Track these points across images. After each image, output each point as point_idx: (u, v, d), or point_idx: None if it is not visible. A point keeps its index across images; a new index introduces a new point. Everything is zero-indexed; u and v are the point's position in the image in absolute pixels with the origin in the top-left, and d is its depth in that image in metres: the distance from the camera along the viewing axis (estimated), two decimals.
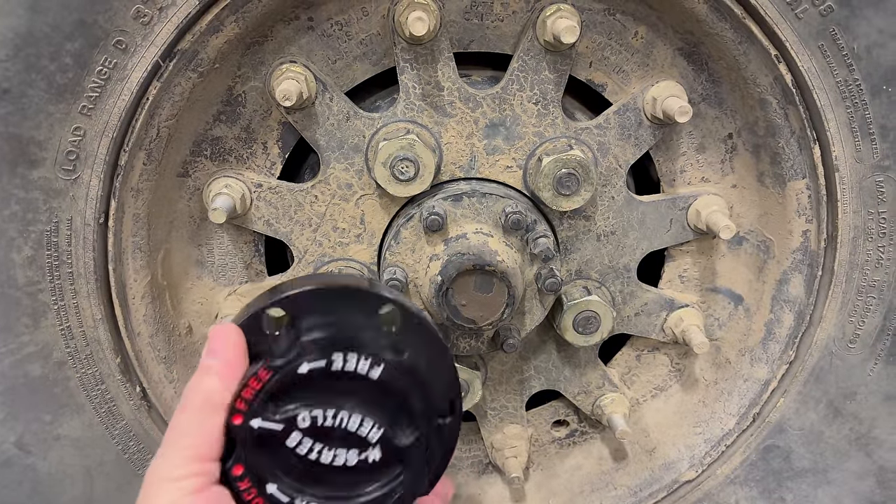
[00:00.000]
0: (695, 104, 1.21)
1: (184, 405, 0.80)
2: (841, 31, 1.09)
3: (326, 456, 0.82)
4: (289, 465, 0.82)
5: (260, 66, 1.15)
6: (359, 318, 0.84)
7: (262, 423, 0.80)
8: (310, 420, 0.81)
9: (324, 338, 0.82)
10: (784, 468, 1.37)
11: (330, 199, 1.22)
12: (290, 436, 0.81)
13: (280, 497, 0.81)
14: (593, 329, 1.28)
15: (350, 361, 0.82)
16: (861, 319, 1.27)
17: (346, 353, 0.81)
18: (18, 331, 1.14)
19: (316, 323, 0.83)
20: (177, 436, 0.79)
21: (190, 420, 0.79)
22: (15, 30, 0.99)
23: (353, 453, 0.83)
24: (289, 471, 0.82)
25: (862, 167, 1.18)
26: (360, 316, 0.84)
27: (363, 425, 0.83)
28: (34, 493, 1.23)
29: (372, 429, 0.83)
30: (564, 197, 1.19)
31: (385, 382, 0.83)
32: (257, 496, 0.81)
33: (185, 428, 0.79)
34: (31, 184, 1.07)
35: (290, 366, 0.81)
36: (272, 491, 0.81)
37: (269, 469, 0.81)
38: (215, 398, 0.80)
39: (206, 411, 0.79)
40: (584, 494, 1.45)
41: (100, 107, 1.05)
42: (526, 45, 1.16)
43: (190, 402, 0.80)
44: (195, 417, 0.79)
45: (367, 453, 0.83)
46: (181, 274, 1.27)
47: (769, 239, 1.30)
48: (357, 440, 0.83)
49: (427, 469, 0.86)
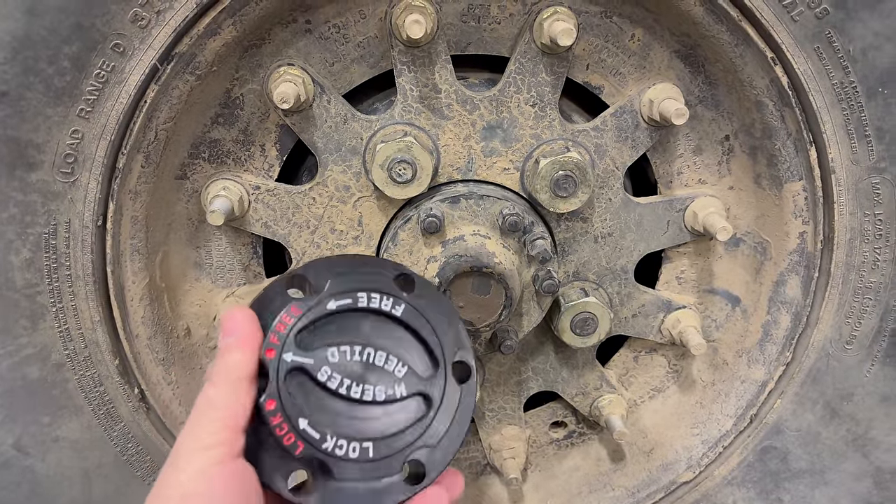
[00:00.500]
0: (691, 106, 1.22)
1: (212, 380, 0.82)
2: (837, 34, 1.10)
3: (356, 390, 0.84)
4: (319, 400, 0.84)
5: (258, 68, 1.15)
6: (375, 278, 0.90)
7: (294, 357, 0.83)
8: (339, 355, 0.85)
9: (348, 285, 0.88)
10: (781, 469, 1.38)
11: (328, 202, 1.23)
12: (320, 370, 0.84)
13: (311, 432, 0.82)
14: (591, 330, 1.29)
15: (374, 300, 0.87)
16: (858, 321, 1.27)
17: (369, 293, 0.87)
18: (17, 333, 1.14)
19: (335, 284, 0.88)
20: (206, 407, 0.80)
21: (218, 392, 0.81)
22: (13, 33, 0.99)
23: (381, 388, 0.85)
24: (319, 406, 0.83)
25: (858, 169, 1.18)
26: (376, 277, 0.90)
27: (389, 361, 0.86)
28: (33, 494, 1.23)
29: (397, 365, 0.86)
30: (562, 199, 1.19)
31: (406, 321, 0.88)
32: (289, 431, 0.82)
33: (214, 399, 0.80)
34: (29, 186, 1.07)
35: (318, 304, 0.85)
36: (304, 426, 0.82)
37: (301, 404, 0.83)
38: (241, 370, 0.81)
39: (234, 383, 0.81)
40: (582, 495, 1.45)
41: (98, 110, 1.06)
42: (523, 47, 1.16)
43: (217, 376, 0.82)
44: (223, 389, 0.81)
45: (393, 388, 0.86)
46: (179, 276, 1.27)
47: (766, 240, 1.31)
48: (384, 375, 0.86)
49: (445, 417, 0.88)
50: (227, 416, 0.79)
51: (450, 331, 0.91)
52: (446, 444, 0.87)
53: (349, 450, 0.83)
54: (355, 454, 0.83)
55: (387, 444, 0.84)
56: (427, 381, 0.88)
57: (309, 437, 0.82)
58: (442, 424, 0.87)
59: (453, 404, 0.89)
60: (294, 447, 0.82)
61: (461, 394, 0.90)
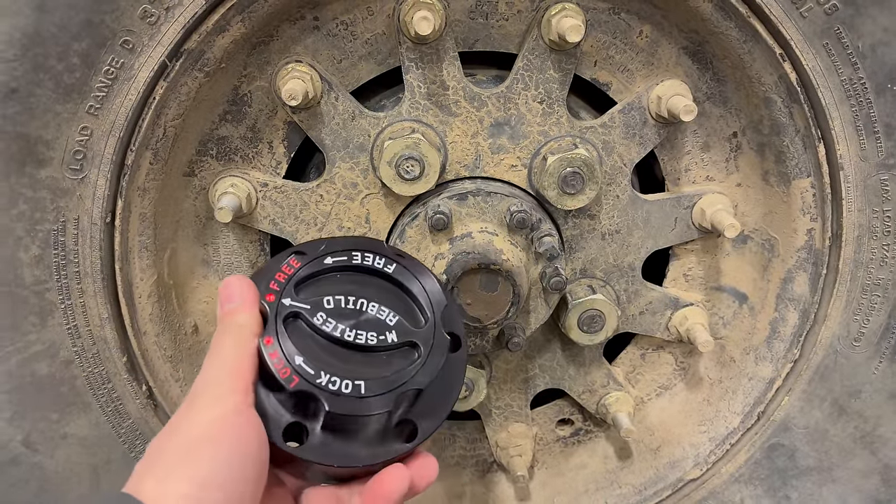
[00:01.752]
0: (700, 103, 1.22)
1: (220, 337, 0.86)
2: (846, 30, 1.09)
3: (349, 334, 0.90)
4: (315, 342, 0.89)
5: (266, 65, 1.15)
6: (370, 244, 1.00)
7: (292, 302, 0.90)
8: (334, 303, 0.92)
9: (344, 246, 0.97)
10: (789, 466, 1.37)
11: (335, 199, 1.23)
12: (316, 315, 0.90)
13: (307, 368, 0.86)
14: (598, 328, 1.29)
15: (368, 258, 0.97)
16: (866, 318, 1.27)
17: (363, 252, 0.97)
18: (25, 329, 1.15)
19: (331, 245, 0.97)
20: (218, 357, 0.84)
21: (227, 343, 0.85)
22: (22, 30, 0.99)
23: (373, 334, 0.91)
24: (314, 348, 0.89)
25: (867, 165, 1.18)
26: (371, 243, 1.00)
27: (381, 311, 0.94)
28: (41, 491, 1.23)
29: (388, 315, 0.94)
30: (569, 196, 1.19)
31: (397, 279, 0.97)
32: (285, 365, 0.86)
33: (225, 351, 0.85)
34: (38, 183, 1.08)
35: (316, 259, 0.94)
36: (300, 362, 0.86)
37: (297, 343, 0.88)
38: (249, 329, 0.86)
39: (244, 341, 0.85)
40: (589, 493, 1.45)
41: (107, 106, 1.06)
42: (531, 44, 1.16)
43: (227, 332, 0.86)
44: (235, 346, 0.85)
45: (385, 335, 0.92)
46: (187, 273, 1.27)
47: (774, 237, 1.30)
48: (377, 323, 0.93)
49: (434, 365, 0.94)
50: (242, 369, 0.83)
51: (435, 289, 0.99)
52: (436, 405, 0.93)
53: (342, 385, 0.87)
54: (347, 390, 0.87)
55: (378, 383, 0.89)
56: (416, 332, 0.94)
57: (304, 372, 0.86)
58: (430, 371, 0.92)
59: (440, 357, 0.94)
60: (289, 380, 0.85)
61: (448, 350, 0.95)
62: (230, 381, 0.82)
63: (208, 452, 0.77)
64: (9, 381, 1.16)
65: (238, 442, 0.79)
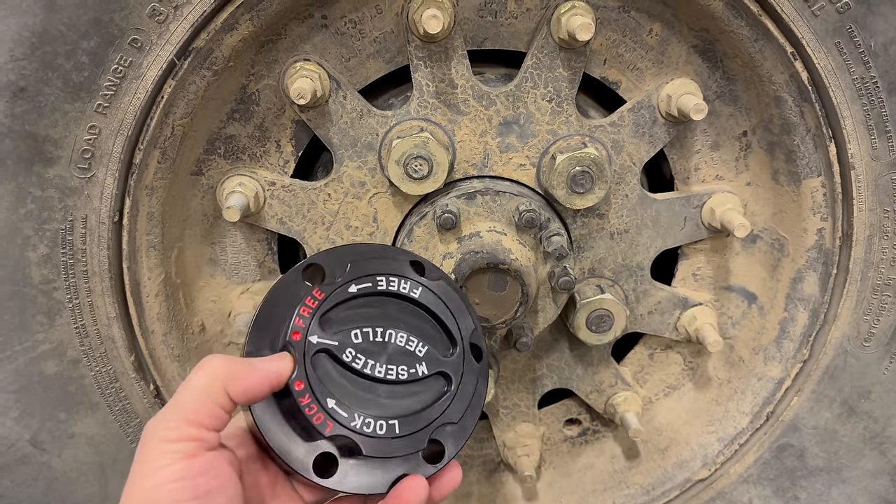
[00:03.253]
0: (709, 102, 1.21)
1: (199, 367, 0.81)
2: (858, 29, 1.09)
3: (380, 370, 0.87)
4: (345, 380, 0.86)
5: (274, 64, 1.15)
6: (391, 264, 0.94)
7: (319, 339, 0.86)
8: (362, 336, 0.88)
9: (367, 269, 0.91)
10: (798, 467, 1.37)
11: (343, 198, 1.22)
12: (345, 351, 0.86)
13: (340, 410, 0.84)
14: (606, 328, 1.28)
15: (393, 283, 0.91)
16: (876, 318, 1.26)
17: (388, 276, 0.91)
18: (33, 329, 1.15)
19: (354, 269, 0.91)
20: (183, 398, 0.80)
21: (197, 386, 0.80)
22: (31, 28, 0.99)
23: (403, 368, 0.88)
24: (346, 386, 0.86)
25: (878, 165, 1.17)
26: (392, 263, 0.94)
27: (410, 342, 0.90)
28: (49, 490, 1.23)
29: (417, 345, 0.90)
30: (578, 195, 1.18)
31: (423, 303, 0.92)
32: (318, 411, 0.84)
33: (190, 393, 0.80)
34: (46, 182, 1.07)
35: (340, 287, 0.88)
36: (332, 405, 0.84)
37: (328, 384, 0.85)
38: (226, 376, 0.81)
39: (215, 383, 0.80)
40: (597, 493, 1.45)
41: (115, 105, 1.06)
42: (540, 42, 1.15)
43: (204, 368, 0.81)
44: (203, 384, 0.80)
45: (415, 368, 0.89)
46: (194, 272, 1.27)
47: (784, 237, 1.30)
48: (406, 355, 0.89)
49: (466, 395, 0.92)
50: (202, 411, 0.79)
51: (464, 313, 0.95)
52: (464, 427, 0.91)
53: (376, 427, 0.85)
54: (382, 431, 0.85)
55: (412, 421, 0.87)
56: (446, 361, 0.91)
57: (338, 416, 0.84)
58: (462, 402, 0.90)
59: (472, 383, 0.92)
60: (324, 426, 0.83)
61: (477, 374, 0.93)
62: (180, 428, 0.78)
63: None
64: (17, 381, 1.16)
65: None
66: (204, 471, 0.77)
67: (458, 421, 0.89)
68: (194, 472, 0.76)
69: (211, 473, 0.77)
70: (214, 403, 0.79)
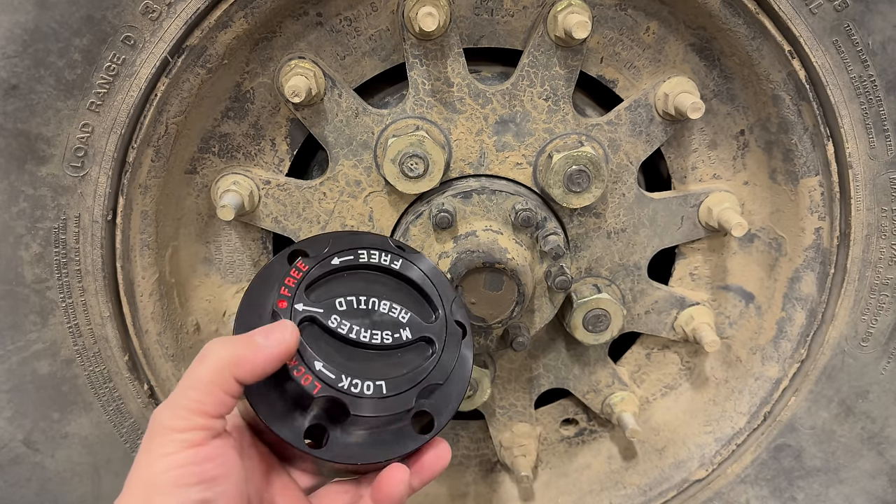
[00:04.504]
0: (707, 100, 1.20)
1: (202, 357, 0.81)
2: (856, 27, 1.08)
3: (365, 335, 0.90)
4: (332, 346, 0.89)
5: (268, 62, 1.14)
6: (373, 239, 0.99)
7: (305, 307, 0.89)
8: (346, 304, 0.91)
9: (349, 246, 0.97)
10: (795, 467, 1.36)
11: (338, 196, 1.22)
12: (330, 318, 0.89)
13: (327, 373, 0.86)
14: (603, 327, 1.28)
15: (374, 256, 0.96)
16: (874, 318, 1.26)
17: (369, 250, 0.97)
18: (26, 328, 1.14)
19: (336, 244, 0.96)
20: (188, 387, 0.80)
21: (201, 374, 0.80)
22: (23, 26, 0.98)
23: (388, 333, 0.92)
24: (332, 352, 0.88)
25: (876, 164, 1.16)
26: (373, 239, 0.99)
27: (392, 309, 0.94)
28: (42, 490, 1.22)
29: (400, 312, 0.94)
30: (575, 194, 1.18)
31: (404, 274, 0.97)
32: (306, 373, 0.85)
33: (196, 381, 0.80)
34: (39, 180, 1.07)
35: (323, 260, 0.93)
36: (320, 367, 0.86)
37: (315, 349, 0.87)
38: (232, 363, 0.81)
39: (222, 372, 0.80)
40: (594, 493, 1.44)
41: (108, 103, 1.05)
42: (536, 40, 1.15)
43: (208, 357, 0.81)
44: (208, 375, 0.80)
45: (399, 333, 0.92)
46: (189, 271, 1.26)
47: (781, 236, 1.29)
48: (390, 322, 0.93)
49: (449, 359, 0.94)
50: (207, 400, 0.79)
51: (444, 283, 0.99)
52: (450, 395, 0.93)
53: (364, 388, 0.87)
54: (370, 392, 0.87)
55: (398, 382, 0.89)
56: (429, 327, 0.95)
57: (325, 378, 0.85)
58: (446, 365, 0.93)
59: (455, 349, 0.95)
60: (312, 387, 0.85)
61: (461, 342, 0.96)
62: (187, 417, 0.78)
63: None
64: (9, 380, 1.16)
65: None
66: (211, 457, 0.78)
67: (443, 382, 0.92)
68: (201, 458, 0.77)
69: (218, 460, 0.79)
70: (221, 391, 0.80)
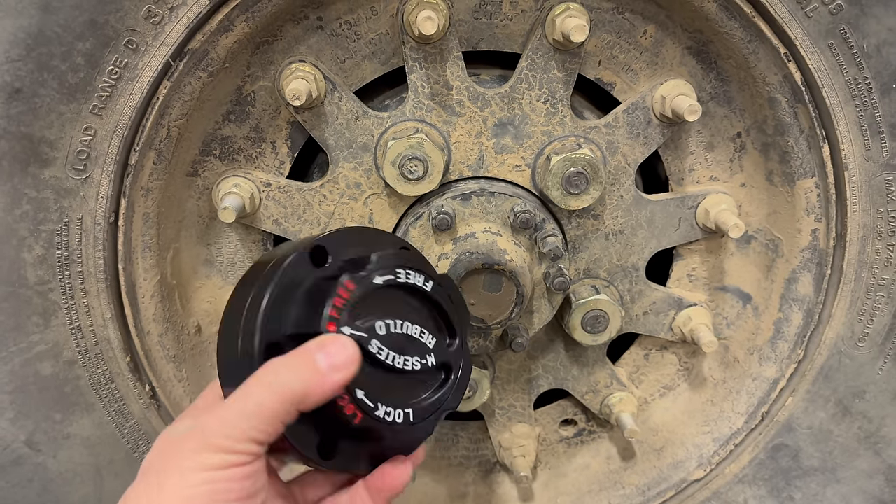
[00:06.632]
0: (704, 103, 1.21)
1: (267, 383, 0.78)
2: (851, 30, 1.09)
3: (399, 361, 0.89)
4: (370, 372, 0.86)
5: (269, 65, 1.15)
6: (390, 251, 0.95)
7: (352, 331, 0.85)
8: (384, 328, 0.88)
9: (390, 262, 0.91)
10: (793, 467, 1.37)
11: (339, 199, 1.23)
12: (370, 343, 0.86)
13: (367, 402, 0.85)
14: (602, 328, 1.28)
15: (411, 276, 0.92)
16: (870, 318, 1.27)
17: (406, 269, 0.91)
18: (29, 330, 1.15)
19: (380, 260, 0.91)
20: (249, 413, 0.77)
21: (266, 402, 0.78)
22: (27, 30, 0.99)
23: (417, 359, 0.90)
24: (371, 378, 0.86)
25: (871, 166, 1.17)
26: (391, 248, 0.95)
27: (423, 334, 0.92)
28: (44, 491, 1.23)
29: (428, 337, 0.93)
30: (573, 196, 1.19)
31: (433, 297, 0.94)
32: (350, 402, 0.84)
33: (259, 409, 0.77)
34: (42, 183, 1.08)
35: (367, 278, 0.88)
36: (361, 396, 0.84)
37: (357, 376, 0.84)
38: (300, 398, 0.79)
39: (286, 405, 0.78)
40: (592, 493, 1.45)
41: (110, 106, 1.06)
42: (535, 43, 1.16)
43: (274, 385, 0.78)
44: (272, 403, 0.78)
45: (426, 359, 0.91)
46: (190, 273, 1.27)
47: (778, 238, 1.30)
48: (419, 346, 0.91)
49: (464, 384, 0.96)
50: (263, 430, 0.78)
51: (462, 306, 0.99)
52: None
53: (395, 416, 0.87)
54: (400, 420, 0.87)
55: (422, 409, 0.90)
56: (450, 354, 0.95)
57: (365, 407, 0.85)
58: (461, 390, 0.94)
59: (468, 375, 0.98)
60: (353, 417, 0.84)
61: (469, 364, 0.98)
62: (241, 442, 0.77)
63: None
64: (12, 382, 1.16)
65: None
66: (250, 475, 0.78)
67: (457, 407, 0.94)
68: (241, 476, 0.78)
69: (255, 477, 0.79)
70: (282, 422, 0.79)
